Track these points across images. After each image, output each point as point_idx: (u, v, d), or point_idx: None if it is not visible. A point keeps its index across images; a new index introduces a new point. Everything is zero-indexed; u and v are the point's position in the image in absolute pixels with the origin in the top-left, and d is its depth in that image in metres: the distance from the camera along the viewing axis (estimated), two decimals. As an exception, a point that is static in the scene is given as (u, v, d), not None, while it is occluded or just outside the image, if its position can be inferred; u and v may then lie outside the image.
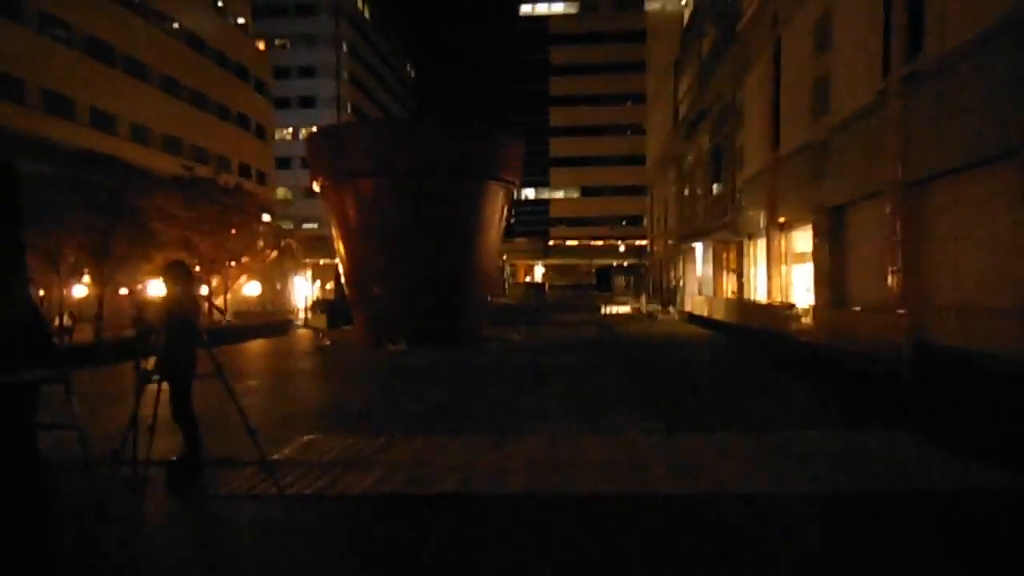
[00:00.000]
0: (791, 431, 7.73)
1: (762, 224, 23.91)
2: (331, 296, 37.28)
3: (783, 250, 23.12)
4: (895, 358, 12.36)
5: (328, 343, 19.73)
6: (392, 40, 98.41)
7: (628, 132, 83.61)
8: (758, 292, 25.56)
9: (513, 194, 20.69)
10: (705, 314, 28.42)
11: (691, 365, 14.94)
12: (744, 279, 26.90)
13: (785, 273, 23.07)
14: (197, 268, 27.63)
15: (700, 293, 33.84)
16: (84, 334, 24.39)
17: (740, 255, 27.76)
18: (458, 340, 18.53)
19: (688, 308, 34.03)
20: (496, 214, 19.64)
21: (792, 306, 20.86)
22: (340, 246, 19.20)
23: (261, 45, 70.13)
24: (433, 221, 18.11)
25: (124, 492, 5.39)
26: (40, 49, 35.15)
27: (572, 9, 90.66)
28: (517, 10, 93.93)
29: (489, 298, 24.67)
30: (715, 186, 31.88)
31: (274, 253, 38.56)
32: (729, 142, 29.37)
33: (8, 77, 33.07)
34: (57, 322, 22.96)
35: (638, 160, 79.40)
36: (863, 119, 15.72)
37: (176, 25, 47.11)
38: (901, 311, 13.04)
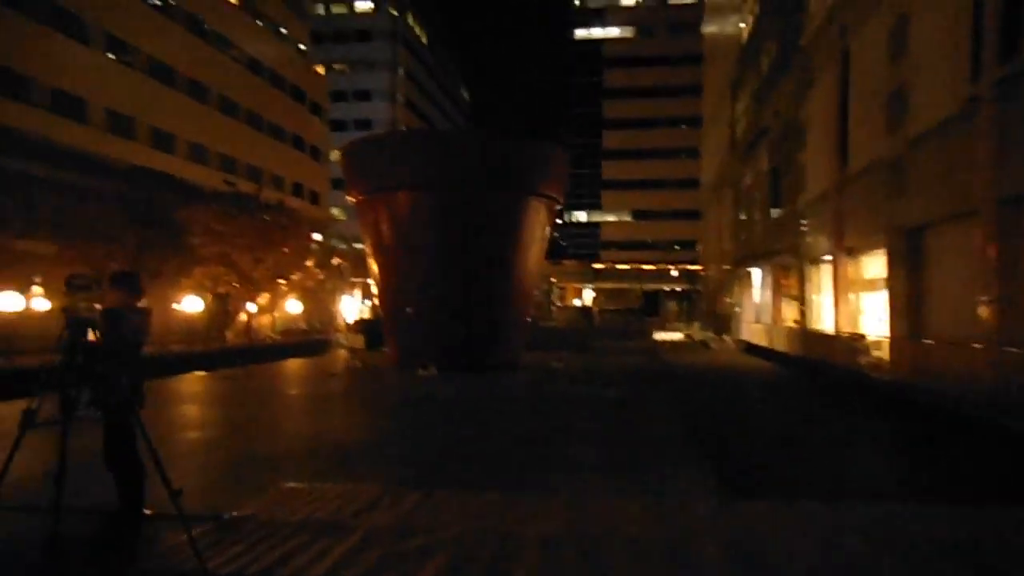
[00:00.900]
0: (888, 502, 6.06)
1: (827, 248, 21.94)
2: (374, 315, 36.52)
3: (851, 276, 21.10)
4: (995, 402, 10.42)
5: (359, 364, 18.64)
6: (447, 64, 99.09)
7: (682, 156, 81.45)
8: (822, 321, 23.48)
9: (556, 211, 19.32)
10: (764, 343, 26.36)
11: (751, 404, 13.18)
12: (806, 307, 24.81)
13: (853, 301, 21.02)
14: (235, 285, 27.32)
15: (757, 321, 31.70)
16: None
17: (802, 281, 25.68)
18: (493, 366, 17.17)
19: (745, 336, 31.90)
20: (538, 231, 18.29)
21: (862, 337, 18.85)
22: (373, 264, 18.18)
23: (320, 70, 71.27)
24: (469, 238, 16.90)
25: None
26: (103, 70, 35.83)
27: (628, 33, 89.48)
28: (572, 34, 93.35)
29: (531, 320, 23.27)
30: (774, 209, 29.89)
31: (323, 272, 38.14)
32: (790, 162, 27.45)
33: (71, 97, 33.69)
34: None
35: (692, 184, 77.23)
36: (947, 130, 13.87)
37: (236, 49, 47.84)
38: (1009, 348, 11.10)
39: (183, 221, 24.13)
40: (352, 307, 41.07)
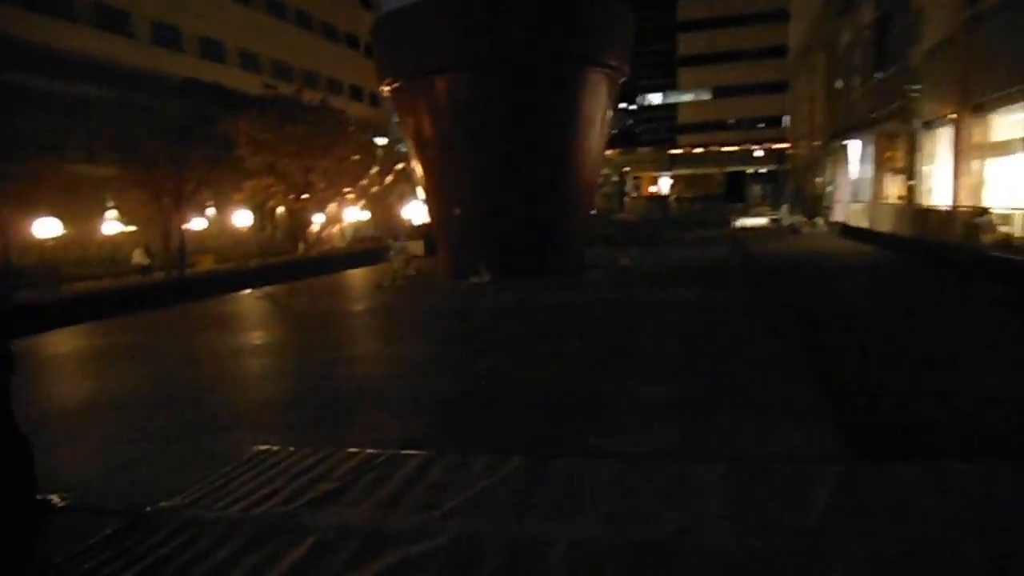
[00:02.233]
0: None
1: (947, 107, 18.43)
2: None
3: (976, 139, 17.69)
4: None
5: (414, 273, 17.23)
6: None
7: (768, 21, 73.48)
8: (934, 195, 20.22)
9: (620, 84, 16.64)
10: (864, 225, 23.25)
11: (860, 304, 10.83)
12: (916, 180, 21.43)
13: (977, 169, 17.72)
14: (289, 196, 26.24)
15: (855, 200, 28.23)
16: (157, 273, 23.18)
17: (911, 150, 22.13)
18: (554, 268, 15.34)
19: (840, 218, 28.59)
20: (599, 111, 15.80)
21: (985, 211, 15.83)
22: (416, 163, 16.30)
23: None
24: (519, 123, 14.66)
25: None
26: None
27: None
28: None
29: (599, 214, 21.10)
30: (879, 68, 25.73)
31: (389, 176, 36.71)
32: (901, 8, 23.16)
33: (117, 11, 32.40)
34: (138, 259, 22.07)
35: (777, 52, 70.00)
36: None
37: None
38: None
39: (227, 133, 22.91)
40: (420, 212, 39.73)
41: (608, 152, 58.54)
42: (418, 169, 16.54)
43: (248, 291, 15.29)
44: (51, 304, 12.56)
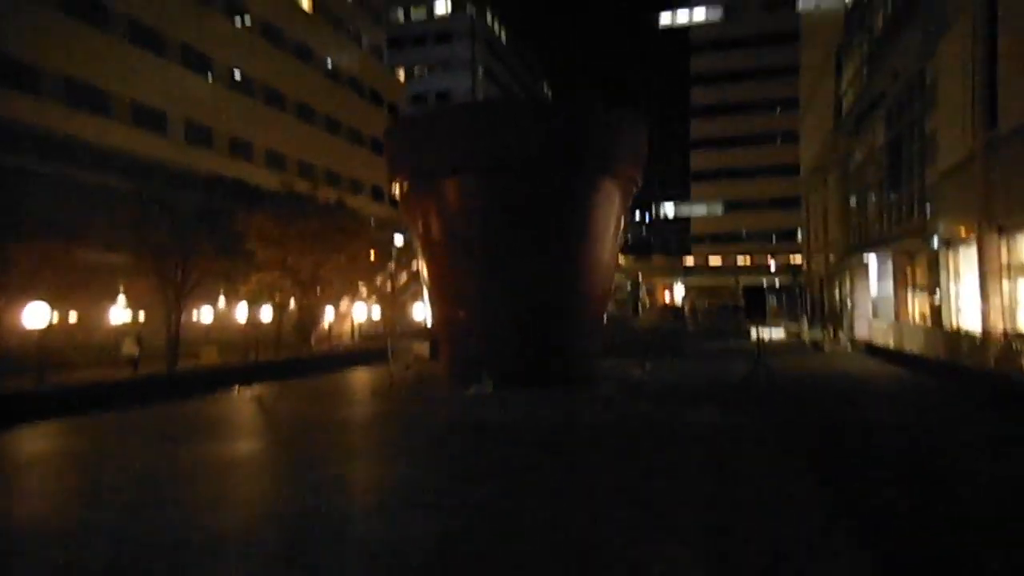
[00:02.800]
0: None
1: (969, 227, 17.72)
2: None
3: (1004, 260, 16.84)
4: None
5: (414, 378, 16.22)
6: (527, 60, 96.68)
7: (778, 141, 75.38)
8: (962, 315, 19.15)
9: (633, 193, 16.18)
10: (890, 345, 22.08)
11: (904, 441, 9.09)
12: (941, 299, 20.45)
13: (1008, 291, 16.76)
14: (293, 290, 25.75)
15: (875, 316, 27.20)
16: (150, 367, 22.31)
17: (934, 269, 21.30)
18: (562, 378, 14.31)
19: (862, 335, 27.46)
20: (612, 219, 15.25)
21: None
22: (422, 262, 15.69)
23: (400, 73, 70.57)
24: (529, 228, 14.10)
25: None
26: (181, 81, 35.54)
27: (715, 16, 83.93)
28: (656, 22, 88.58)
29: (613, 320, 20.26)
30: (894, 187, 25.43)
31: (403, 275, 36.48)
32: (915, 129, 23.08)
33: (153, 111, 33.48)
34: (127, 349, 21.36)
35: (788, 170, 71.31)
36: None
37: (314, 56, 47.19)
38: None
39: (242, 227, 22.85)
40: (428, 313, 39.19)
41: (622, 259, 58.65)
42: (423, 270, 15.91)
43: (236, 391, 14.32)
44: (17, 397, 11.64)
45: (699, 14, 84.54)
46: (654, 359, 17.25)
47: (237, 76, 39.89)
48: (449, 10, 76.56)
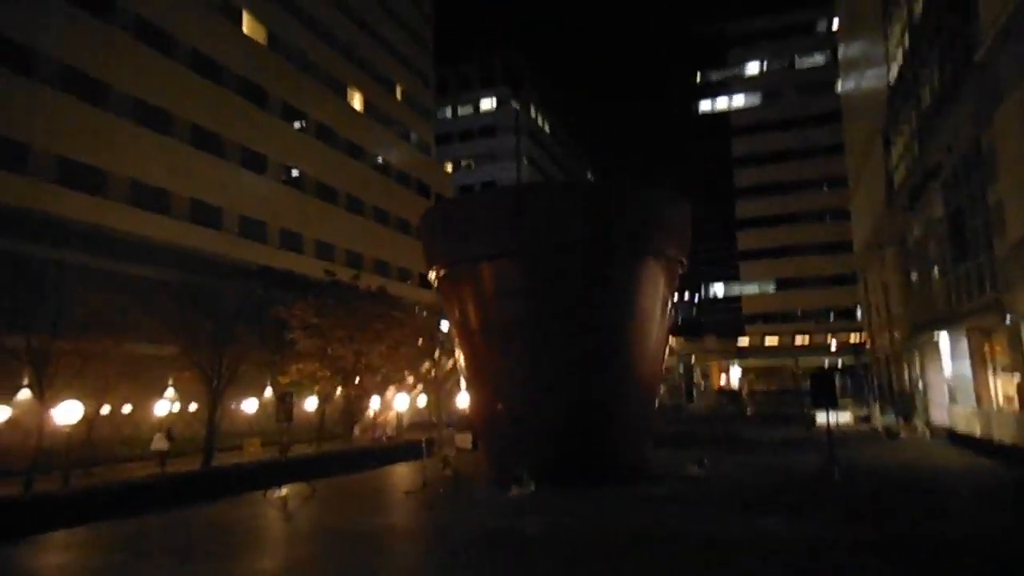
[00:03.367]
0: None
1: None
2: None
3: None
4: None
5: (451, 475, 15.10)
6: (571, 149, 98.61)
7: (827, 218, 73.69)
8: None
9: (678, 274, 15.24)
10: (975, 433, 19.92)
11: None
12: (1031, 381, 18.42)
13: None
14: (332, 379, 25.19)
15: (952, 399, 24.88)
16: (185, 464, 21.69)
17: (1016, 347, 19.36)
18: (611, 476, 13.00)
19: (941, 420, 25.09)
20: (657, 300, 14.28)
21: None
22: (460, 351, 14.90)
23: (448, 166, 72.55)
24: (570, 313, 13.24)
25: None
26: (237, 178, 36.89)
27: (754, 100, 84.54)
28: (696, 108, 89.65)
29: (665, 407, 18.86)
30: (959, 260, 23.76)
31: (450, 363, 35.80)
32: (976, 201, 21.69)
33: (209, 206, 34.65)
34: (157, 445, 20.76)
35: (841, 247, 69.27)
36: None
37: (363, 152, 48.85)
38: None
39: (283, 316, 22.66)
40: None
41: (673, 341, 56.84)
42: (461, 359, 15.10)
43: (264, 493, 13.46)
44: (35, 503, 11.04)
45: (738, 100, 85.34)
46: (712, 452, 15.71)
47: (291, 172, 41.30)
48: (495, 105, 79.26)
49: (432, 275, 15.48)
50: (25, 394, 23.54)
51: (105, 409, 29.36)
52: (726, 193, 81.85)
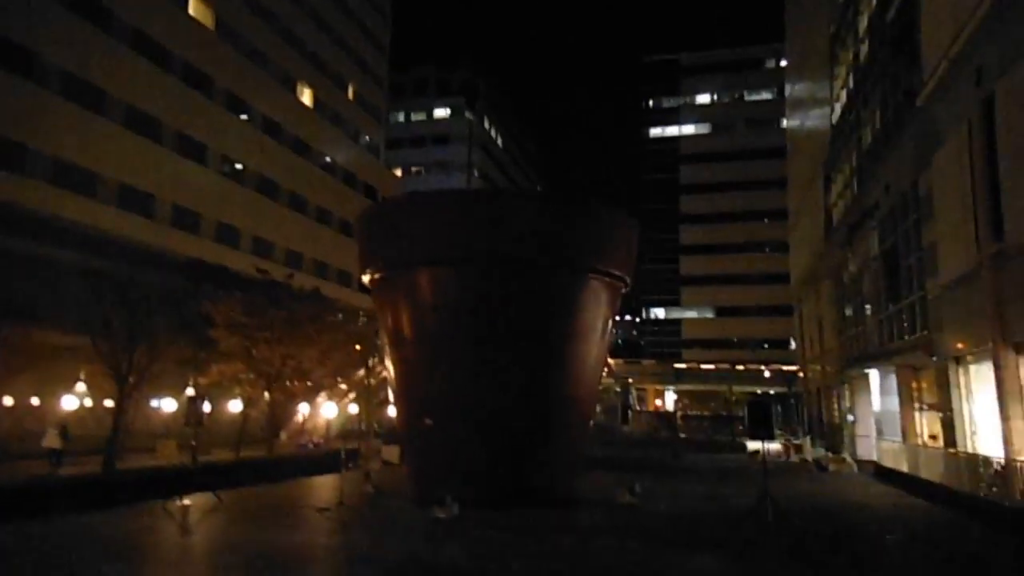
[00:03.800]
0: None
1: (981, 343, 16.37)
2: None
3: None
4: None
5: (371, 491, 14.27)
6: (522, 164, 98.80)
7: (767, 249, 75.80)
8: (978, 438, 17.44)
9: (621, 293, 14.88)
10: (903, 469, 20.19)
11: None
12: (954, 419, 18.78)
13: (1030, 414, 15.16)
14: (251, 383, 23.81)
15: (880, 433, 25.38)
16: (87, 464, 20.02)
17: (943, 385, 19.76)
18: (538, 499, 12.41)
19: (868, 455, 25.54)
20: (599, 319, 13.84)
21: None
22: (389, 361, 14.09)
23: (399, 171, 71.36)
24: (506, 327, 12.65)
25: None
26: (175, 166, 35.06)
27: (703, 130, 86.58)
28: (646, 133, 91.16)
29: (601, 428, 18.45)
30: (892, 299, 24.33)
31: (384, 371, 34.68)
32: (911, 240, 22.22)
33: (139, 192, 32.77)
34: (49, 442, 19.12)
35: (779, 279, 71.21)
36: None
37: (310, 149, 47.40)
38: None
39: (207, 312, 21.27)
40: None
41: (611, 361, 56.98)
42: (390, 369, 14.28)
43: (164, 503, 12.29)
44: None
45: (688, 128, 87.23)
46: (645, 478, 15.31)
47: (232, 165, 39.61)
48: (448, 114, 78.66)
49: (366, 278, 14.65)
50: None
51: (7, 400, 27.13)
52: (672, 219, 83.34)
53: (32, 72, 27.79)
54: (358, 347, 32.65)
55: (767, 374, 61.62)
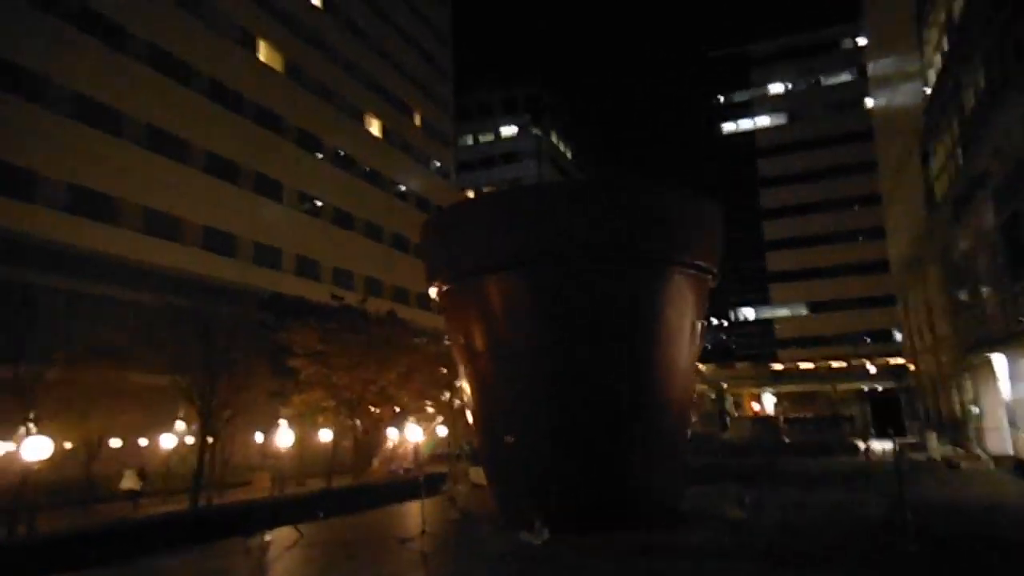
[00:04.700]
0: None
1: None
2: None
3: None
4: None
5: (457, 516, 13.43)
6: (593, 175, 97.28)
7: (859, 238, 70.99)
8: None
9: (710, 288, 13.48)
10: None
11: None
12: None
13: None
14: (336, 409, 23.53)
15: (1015, 426, 22.44)
16: (171, 502, 19.87)
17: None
18: (636, 520, 11.18)
19: (1003, 449, 22.67)
20: (687, 317, 12.52)
21: None
22: (464, 376, 13.24)
23: (471, 193, 71.61)
24: (587, 333, 11.54)
25: None
26: (252, 206, 36.05)
27: (779, 120, 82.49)
28: (719, 130, 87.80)
29: (699, 437, 16.95)
30: (1015, 276, 21.55)
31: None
32: (1037, 207, 19.61)
33: (222, 233, 33.77)
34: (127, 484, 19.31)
35: (876, 267, 66.49)
36: None
37: (384, 178, 48.02)
38: None
39: (286, 342, 21.24)
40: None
41: (703, 367, 54.34)
42: (466, 387, 13.43)
43: (247, 541, 11.87)
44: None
45: (762, 120, 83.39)
46: (752, 488, 13.69)
47: (308, 199, 40.46)
48: (515, 132, 78.51)
49: (434, 292, 13.93)
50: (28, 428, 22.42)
51: (116, 442, 28.17)
52: (752, 214, 79.48)
53: (121, 129, 29.16)
54: (444, 370, 32.21)
55: (872, 369, 57.21)
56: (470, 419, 14.07)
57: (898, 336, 68.29)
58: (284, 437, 17.73)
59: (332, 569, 9.88)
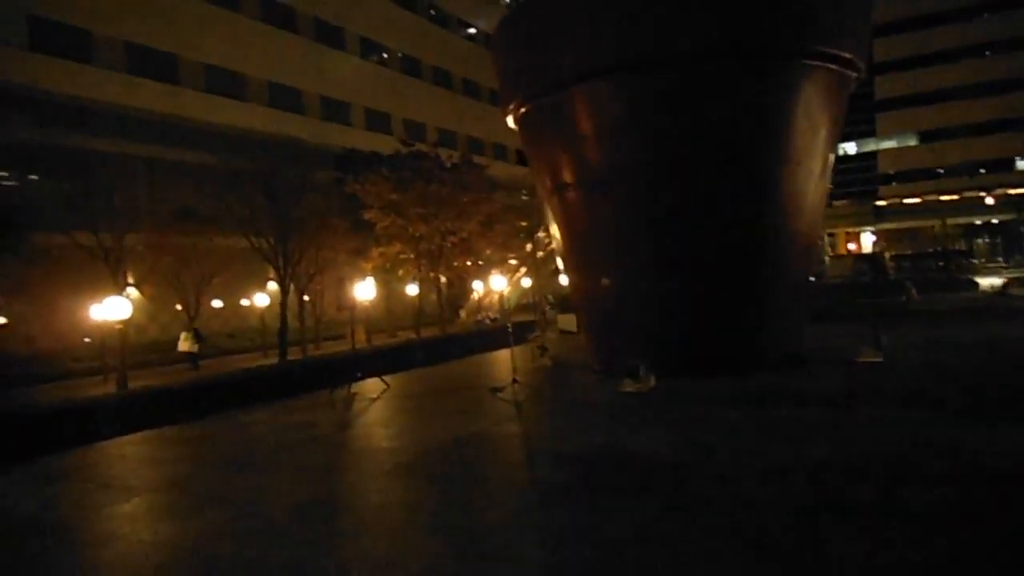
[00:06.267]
0: None
1: None
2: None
3: None
4: None
5: (549, 363, 12.40)
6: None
7: (986, 53, 61.61)
8: None
9: (851, 88, 10.82)
10: None
11: None
12: None
13: None
14: (413, 262, 22.55)
15: None
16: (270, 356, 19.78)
17: None
18: (755, 364, 9.64)
19: None
20: (822, 129, 10.10)
21: None
22: (550, 212, 11.51)
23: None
24: (701, 148, 9.47)
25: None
26: (317, 58, 33.94)
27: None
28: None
29: (811, 279, 15.00)
30: None
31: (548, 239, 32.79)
32: None
33: (291, 89, 32.16)
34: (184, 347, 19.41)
35: (1007, 86, 58.24)
36: None
37: (448, 20, 44.23)
38: None
39: (357, 192, 20.10)
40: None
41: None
42: (552, 225, 11.76)
43: (331, 391, 11.28)
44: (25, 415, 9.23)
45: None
46: (878, 327, 11.83)
47: (372, 47, 37.83)
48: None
49: (510, 120, 11.94)
50: (132, 292, 22.92)
51: (217, 303, 28.92)
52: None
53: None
54: (523, 223, 30.81)
55: (990, 200, 51.42)
56: (560, 263, 12.60)
57: (1021, 164, 60.84)
58: (365, 290, 17.12)
59: (414, 421, 9.05)
